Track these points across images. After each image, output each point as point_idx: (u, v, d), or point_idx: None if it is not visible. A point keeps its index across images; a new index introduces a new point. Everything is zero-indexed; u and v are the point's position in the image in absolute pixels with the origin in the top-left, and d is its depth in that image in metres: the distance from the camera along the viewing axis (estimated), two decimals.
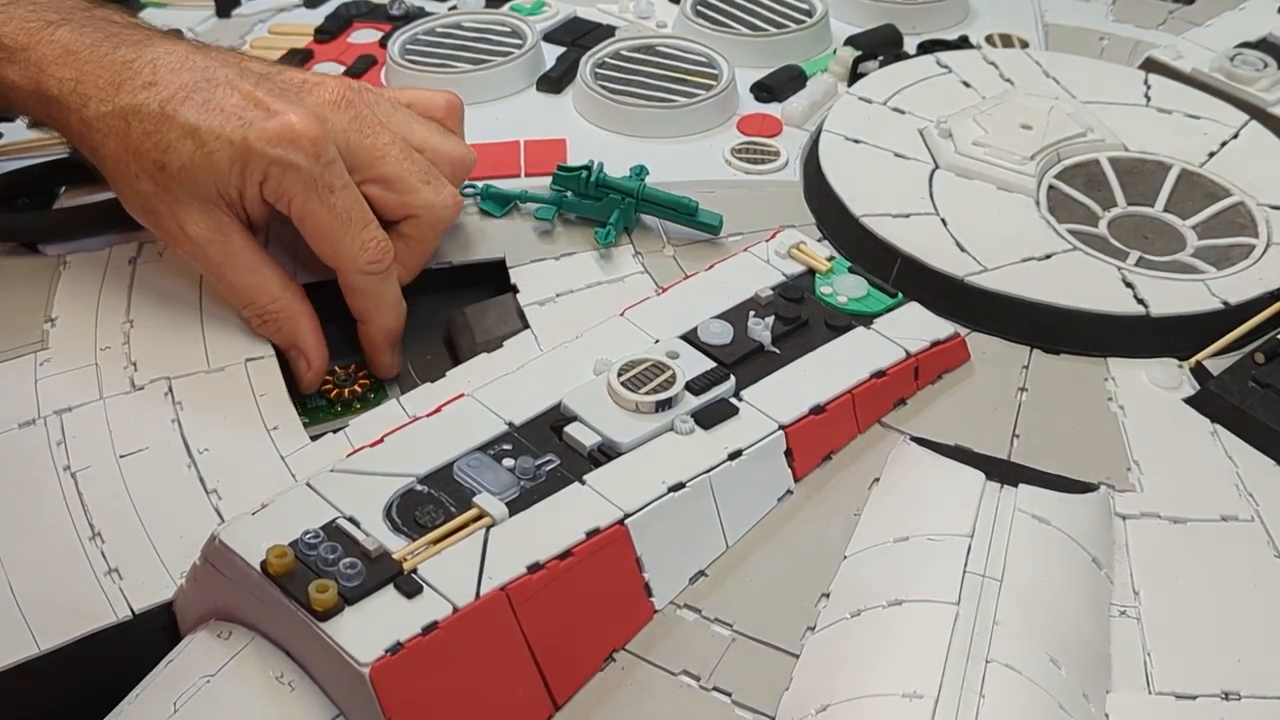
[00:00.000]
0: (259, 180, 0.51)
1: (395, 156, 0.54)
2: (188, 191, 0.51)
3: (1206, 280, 0.57)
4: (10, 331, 0.54)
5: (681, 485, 0.45)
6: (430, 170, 0.55)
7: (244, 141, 0.50)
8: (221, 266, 0.53)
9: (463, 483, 0.44)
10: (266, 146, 0.50)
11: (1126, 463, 0.50)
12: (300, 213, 0.52)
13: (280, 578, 0.40)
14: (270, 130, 0.50)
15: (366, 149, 0.53)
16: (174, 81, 0.51)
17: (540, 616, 0.41)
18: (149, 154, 0.51)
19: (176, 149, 0.50)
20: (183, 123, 0.50)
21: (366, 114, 0.54)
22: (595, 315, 0.54)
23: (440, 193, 0.55)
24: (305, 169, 0.51)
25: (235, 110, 0.51)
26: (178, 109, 0.51)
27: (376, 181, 0.53)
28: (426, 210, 0.55)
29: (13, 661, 0.43)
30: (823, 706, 0.40)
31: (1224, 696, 0.42)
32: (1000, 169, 0.62)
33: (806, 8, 0.79)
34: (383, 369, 0.56)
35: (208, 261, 0.53)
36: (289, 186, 0.51)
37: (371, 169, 0.53)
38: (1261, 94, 0.71)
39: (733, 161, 0.67)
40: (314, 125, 0.51)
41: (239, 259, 0.53)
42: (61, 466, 0.49)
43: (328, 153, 0.51)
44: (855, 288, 0.55)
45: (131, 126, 0.51)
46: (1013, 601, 0.43)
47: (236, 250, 0.53)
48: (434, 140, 0.56)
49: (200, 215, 0.52)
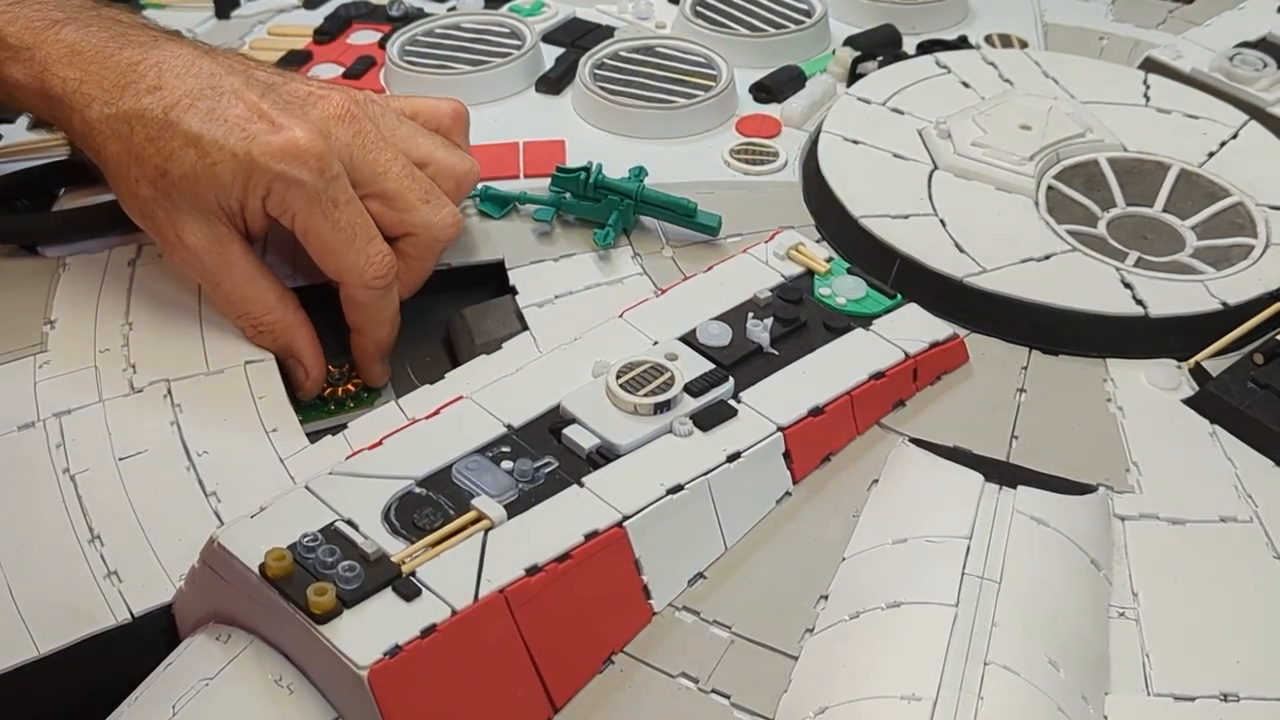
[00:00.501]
0: (262, 195, 0.51)
1: (396, 173, 0.54)
2: (187, 200, 0.51)
3: (1205, 281, 0.57)
4: (9, 334, 0.54)
5: (680, 487, 0.45)
6: (431, 189, 0.55)
7: (248, 155, 0.50)
8: (217, 276, 0.53)
9: (461, 485, 0.44)
10: (270, 161, 0.50)
11: (1125, 464, 0.50)
12: (304, 228, 0.52)
13: (279, 581, 0.40)
14: (275, 145, 0.50)
15: (369, 164, 0.53)
16: (179, 87, 0.51)
17: (539, 619, 0.41)
18: (151, 160, 0.51)
19: (179, 157, 0.50)
20: (186, 131, 0.50)
21: (370, 129, 0.54)
22: (594, 317, 0.54)
23: (439, 212, 0.55)
24: (310, 185, 0.50)
25: (239, 122, 0.50)
26: (181, 116, 0.51)
27: (377, 197, 0.53)
28: (425, 229, 0.54)
29: (12, 664, 0.43)
30: (821, 708, 0.40)
31: (1223, 698, 0.42)
32: (999, 169, 0.62)
33: (806, 8, 0.79)
34: (372, 379, 0.56)
35: (203, 271, 0.53)
36: (293, 202, 0.51)
37: (373, 184, 0.53)
38: (1261, 94, 0.71)
39: (732, 162, 0.67)
40: (318, 141, 0.51)
41: (235, 270, 0.53)
42: (61, 469, 0.49)
43: (332, 168, 0.51)
44: (854, 289, 0.55)
45: (134, 131, 0.51)
46: (1011, 603, 0.43)
47: (233, 261, 0.53)
48: (438, 154, 0.56)
49: (199, 225, 0.52)
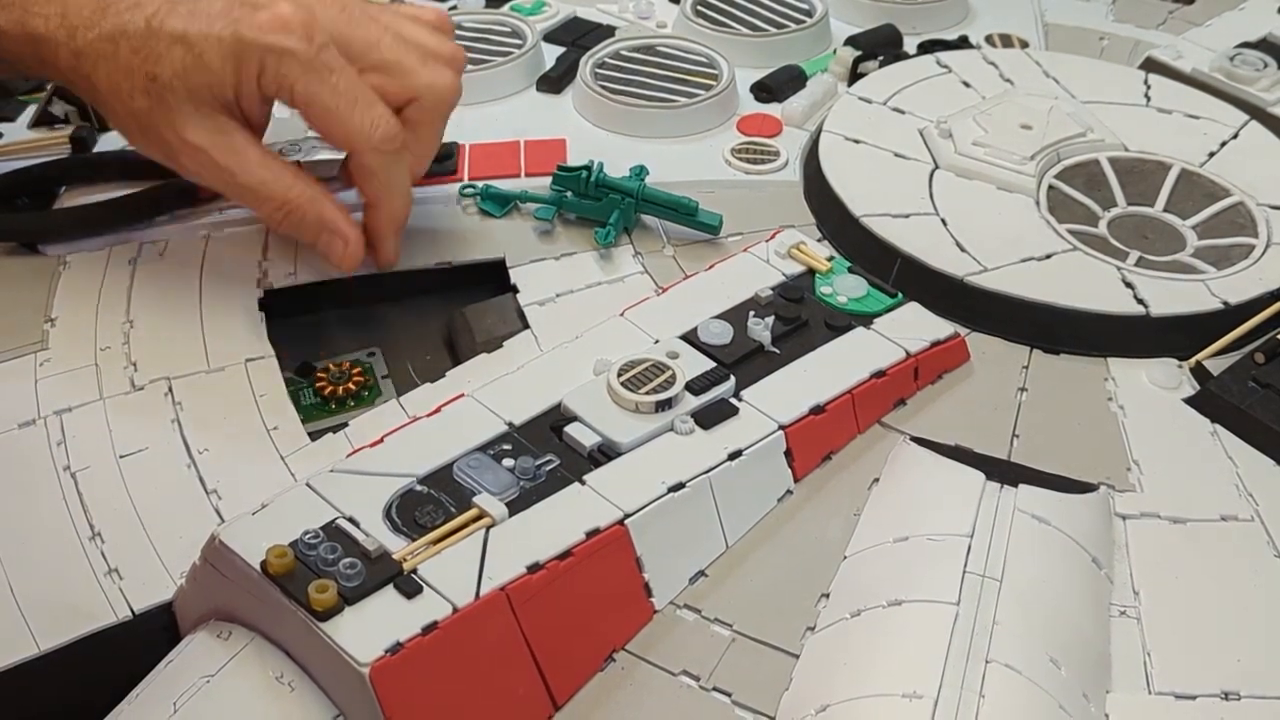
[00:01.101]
0: (256, 73, 0.51)
1: (389, 43, 0.54)
2: (181, 99, 0.51)
3: (1206, 280, 0.57)
4: (10, 331, 0.54)
5: (681, 485, 0.45)
6: (428, 54, 0.55)
7: (234, 36, 0.50)
8: (230, 169, 0.53)
9: (462, 483, 0.44)
10: (259, 35, 0.50)
11: (1126, 463, 0.50)
12: (304, 97, 0.52)
13: (280, 578, 0.40)
14: (260, 20, 0.50)
15: (359, 39, 0.53)
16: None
17: (540, 617, 0.41)
18: (139, 70, 0.51)
19: (166, 58, 0.50)
20: (170, 32, 0.50)
21: (354, 7, 0.54)
22: (595, 315, 0.54)
23: (441, 74, 0.54)
24: (301, 52, 0.50)
25: (222, 11, 0.51)
26: (164, 21, 0.51)
27: (375, 69, 0.53)
28: (429, 90, 0.54)
29: (13, 662, 0.43)
30: (822, 707, 0.40)
31: (1224, 696, 0.42)
32: (1000, 169, 0.62)
33: (806, 8, 0.79)
34: (384, 255, 0.56)
35: (215, 167, 0.53)
36: (288, 71, 0.51)
37: (367, 57, 0.53)
38: (1261, 94, 0.71)
39: (733, 161, 0.67)
40: (302, 11, 0.51)
41: (245, 156, 0.53)
42: (61, 467, 0.49)
43: (320, 36, 0.51)
44: (855, 288, 0.55)
45: (120, 47, 0.51)
46: (1013, 601, 0.43)
47: (240, 148, 0.53)
48: (423, 37, 0.56)
49: (198, 121, 0.52)
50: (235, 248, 0.59)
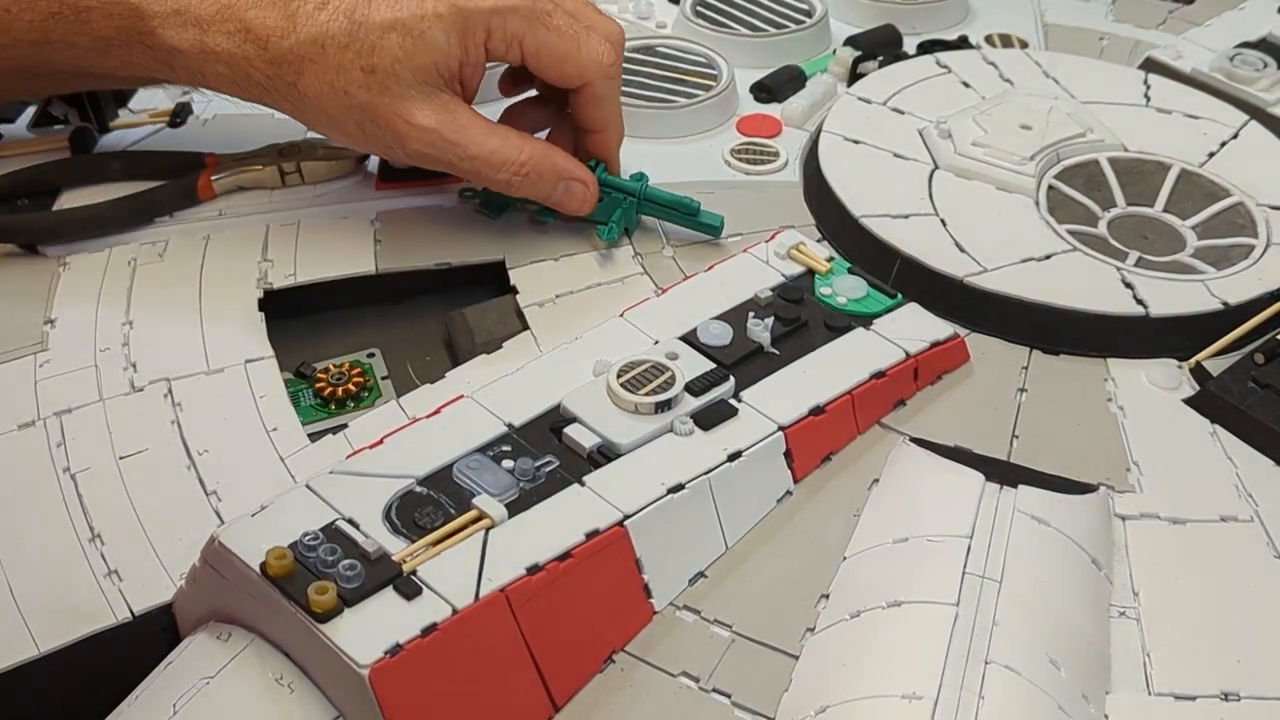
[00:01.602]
0: (484, 38, 0.52)
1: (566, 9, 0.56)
2: (404, 84, 0.52)
3: (1206, 280, 0.57)
4: (9, 333, 0.54)
5: (681, 486, 0.45)
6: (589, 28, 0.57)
7: (452, 8, 0.51)
8: (462, 144, 0.54)
9: (462, 484, 0.44)
10: (478, 2, 0.52)
11: (1126, 463, 0.50)
12: (534, 47, 0.53)
13: (280, 579, 0.40)
14: None
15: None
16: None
17: (540, 618, 0.41)
18: (353, 65, 0.51)
19: (382, 47, 0.51)
20: (380, 22, 0.51)
21: None
22: (595, 316, 0.54)
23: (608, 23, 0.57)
24: (521, 6, 0.52)
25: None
26: (367, 14, 0.51)
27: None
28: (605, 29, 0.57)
29: (12, 663, 0.43)
30: (822, 708, 0.40)
31: (1224, 697, 0.42)
32: (1000, 169, 0.62)
33: (806, 8, 0.79)
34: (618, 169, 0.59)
35: (445, 144, 0.54)
36: (515, 28, 0.53)
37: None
38: (1261, 94, 0.71)
39: (732, 162, 0.67)
40: None
41: (474, 129, 0.54)
42: (61, 468, 0.49)
43: None
44: (855, 288, 0.55)
45: (326, 48, 0.52)
46: (1012, 602, 0.43)
47: (468, 123, 0.54)
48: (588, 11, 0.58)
49: (423, 102, 0.53)
50: (235, 248, 0.59)
